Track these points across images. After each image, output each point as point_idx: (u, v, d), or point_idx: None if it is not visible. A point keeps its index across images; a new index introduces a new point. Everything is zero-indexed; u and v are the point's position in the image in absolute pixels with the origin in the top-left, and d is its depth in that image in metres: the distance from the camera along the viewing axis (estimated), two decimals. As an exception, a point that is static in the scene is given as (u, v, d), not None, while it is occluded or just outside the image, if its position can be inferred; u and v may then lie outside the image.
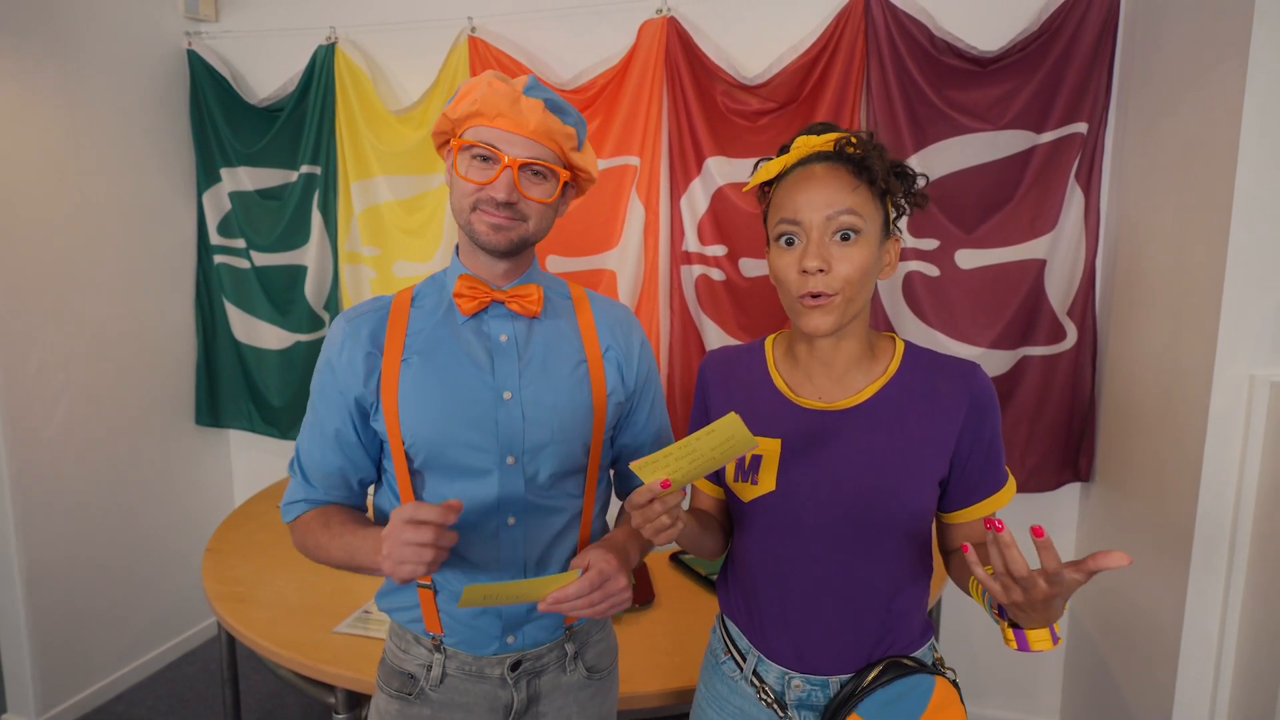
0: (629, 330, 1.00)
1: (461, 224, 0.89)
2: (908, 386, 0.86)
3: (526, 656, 0.94)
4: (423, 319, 0.91)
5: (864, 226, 0.79)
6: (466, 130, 0.86)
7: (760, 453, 0.88)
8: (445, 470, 0.89)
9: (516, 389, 0.89)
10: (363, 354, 0.88)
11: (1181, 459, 1.54)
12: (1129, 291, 1.82)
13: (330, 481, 0.93)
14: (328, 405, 0.90)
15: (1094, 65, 1.82)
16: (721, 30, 2.11)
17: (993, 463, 0.86)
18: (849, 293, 0.79)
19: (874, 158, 0.80)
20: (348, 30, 2.38)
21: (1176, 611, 1.52)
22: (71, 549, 2.25)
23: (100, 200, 2.32)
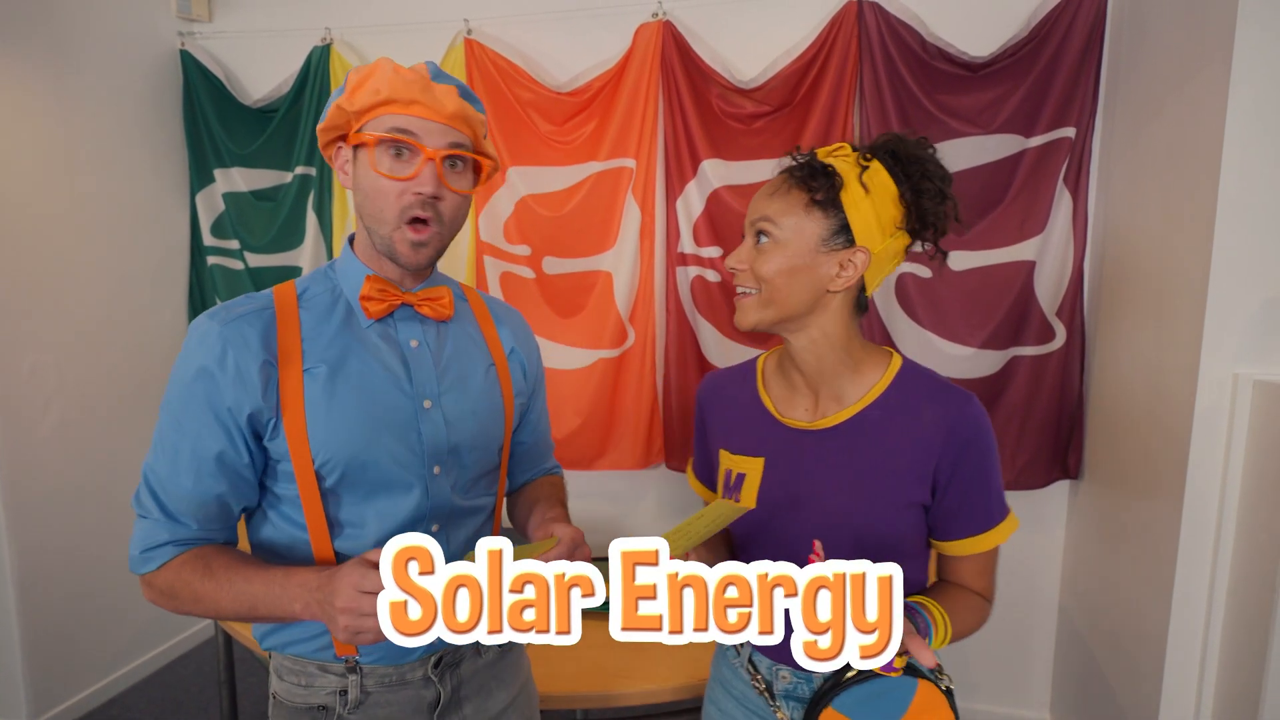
0: (528, 333, 1.02)
1: (379, 235, 0.81)
2: (893, 407, 0.85)
3: (447, 650, 0.91)
4: (316, 322, 0.83)
5: (777, 233, 0.81)
6: (371, 121, 0.79)
7: (745, 471, 0.90)
8: (364, 487, 0.82)
9: (436, 396, 0.86)
10: (256, 363, 0.77)
11: (1167, 456, 1.57)
12: (1116, 292, 1.86)
13: (206, 514, 0.80)
14: (203, 423, 0.77)
15: (1081, 70, 1.86)
16: (717, 34, 2.13)
17: (976, 499, 0.84)
18: (767, 293, 0.82)
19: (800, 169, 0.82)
20: (343, 32, 2.38)
21: (1163, 605, 1.55)
22: (64, 551, 2.23)
23: (93, 201, 2.31)
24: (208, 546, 0.80)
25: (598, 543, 2.54)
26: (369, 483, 0.82)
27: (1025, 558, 2.15)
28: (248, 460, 0.80)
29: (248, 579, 0.76)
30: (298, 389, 0.79)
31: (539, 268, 2.31)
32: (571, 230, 2.26)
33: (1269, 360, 1.42)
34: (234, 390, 0.77)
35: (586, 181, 2.22)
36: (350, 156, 0.83)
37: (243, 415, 0.78)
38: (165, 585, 0.79)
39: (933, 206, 0.82)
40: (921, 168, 0.81)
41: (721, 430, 0.97)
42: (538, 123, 2.23)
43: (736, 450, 0.93)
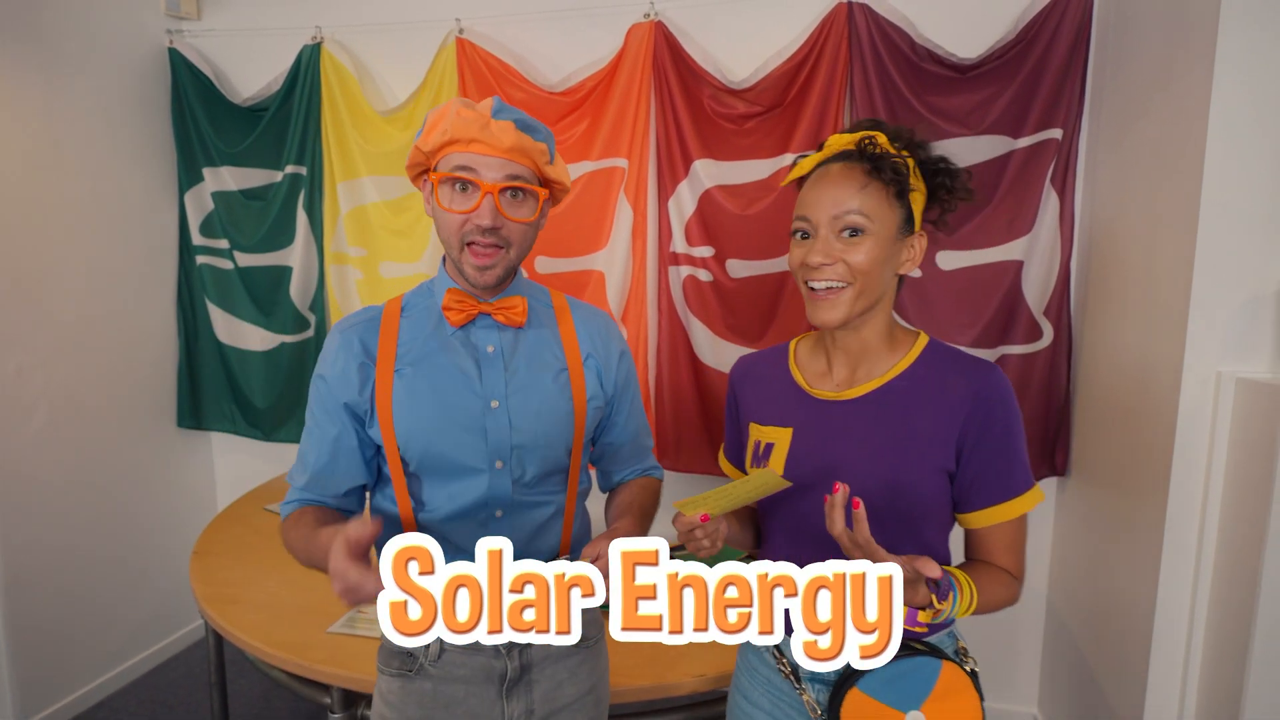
0: (608, 338, 1.05)
1: (453, 257, 0.93)
2: (919, 379, 0.88)
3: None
4: (412, 329, 0.96)
5: (869, 225, 0.83)
6: (441, 160, 0.90)
7: (774, 440, 0.93)
8: (438, 473, 0.93)
9: (503, 397, 0.94)
10: (356, 364, 0.92)
11: (1153, 453, 1.60)
12: (1102, 292, 1.88)
13: (324, 483, 0.95)
14: (325, 413, 0.94)
15: (1068, 73, 1.88)
16: (708, 34, 2.14)
17: (1004, 465, 0.85)
18: (860, 284, 0.84)
19: (885, 161, 0.83)
20: (333, 30, 2.37)
21: (1148, 600, 1.58)
22: (51, 553, 2.21)
23: (80, 200, 2.29)
24: (313, 507, 0.94)
25: (591, 541, 2.45)
26: (442, 470, 0.93)
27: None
28: (355, 444, 0.95)
29: (306, 535, 0.88)
30: (387, 387, 0.92)
31: (531, 267, 2.31)
32: (564, 230, 2.26)
33: (1252, 358, 1.45)
34: (340, 386, 0.93)
35: (579, 181, 2.23)
36: (429, 188, 0.93)
37: (342, 405, 0.93)
38: (283, 532, 0.95)
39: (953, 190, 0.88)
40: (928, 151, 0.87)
41: (753, 406, 0.99)
42: (530, 122, 2.23)
43: (766, 422, 0.96)
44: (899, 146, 0.85)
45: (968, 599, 0.82)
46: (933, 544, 0.90)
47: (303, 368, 2.54)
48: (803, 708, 0.94)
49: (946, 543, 0.93)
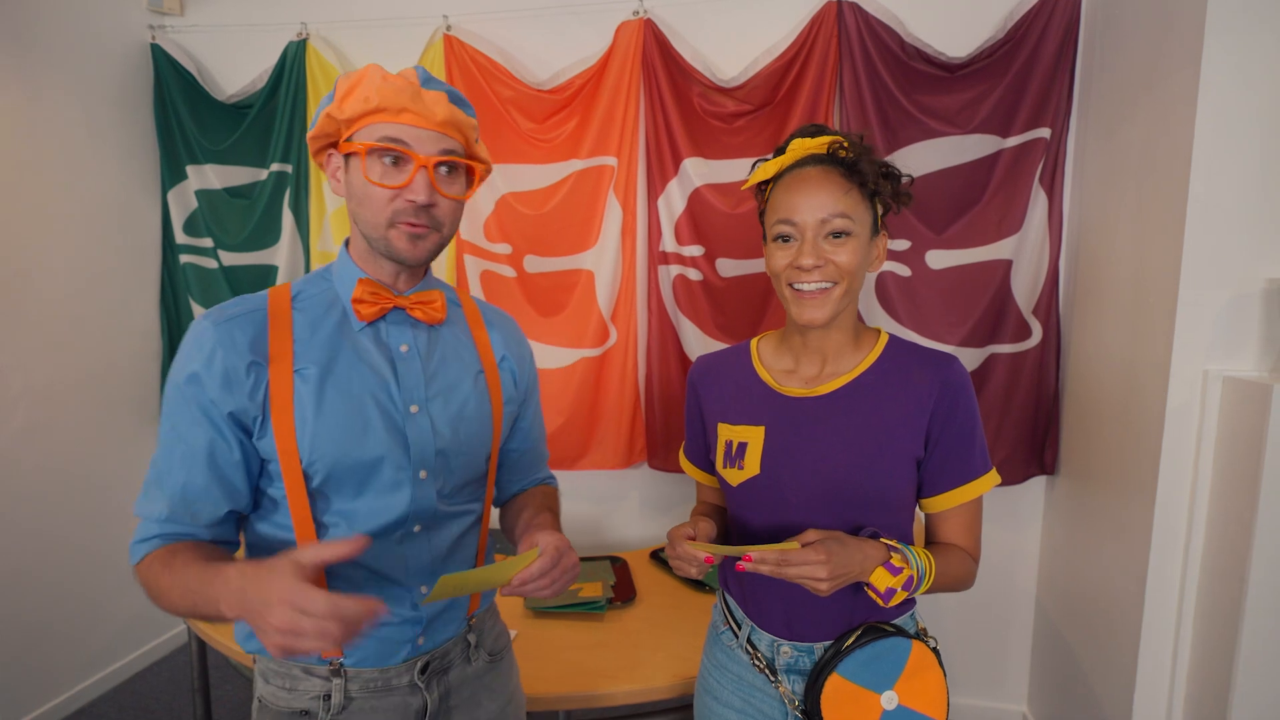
0: (520, 340, 1.01)
1: (374, 236, 0.82)
2: (885, 372, 0.91)
3: (434, 656, 0.91)
4: (309, 324, 0.83)
5: (854, 227, 0.86)
6: (362, 130, 0.80)
7: (746, 440, 0.94)
8: (349, 487, 0.82)
9: (423, 402, 0.86)
10: (244, 363, 0.78)
11: (1141, 451, 1.60)
12: (1090, 291, 1.89)
13: (195, 509, 0.80)
14: (196, 423, 0.78)
15: (1056, 72, 1.89)
16: (698, 33, 2.13)
17: (966, 449, 0.90)
18: (846, 283, 0.87)
19: (864, 161, 0.86)
20: (319, 27, 2.35)
21: (1137, 597, 1.58)
22: (31, 557, 2.17)
23: (60, 198, 2.25)
24: (184, 542, 0.79)
25: (581, 543, 2.57)
26: (354, 484, 0.82)
27: (1003, 553, 2.18)
28: (238, 458, 0.80)
29: (193, 574, 0.73)
30: (287, 389, 0.80)
31: (520, 266, 2.30)
32: (552, 229, 2.25)
33: (1238, 357, 1.45)
34: (221, 390, 0.78)
35: (568, 180, 2.21)
36: (341, 164, 0.84)
37: (225, 412, 0.79)
38: (141, 577, 0.79)
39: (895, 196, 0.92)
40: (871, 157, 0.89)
41: (718, 406, 1.00)
42: (518, 120, 2.22)
43: (736, 421, 0.96)
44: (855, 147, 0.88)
45: (929, 570, 0.86)
46: (900, 527, 0.93)
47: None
48: (777, 701, 0.95)
49: (910, 525, 0.96)
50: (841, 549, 0.79)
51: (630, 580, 1.75)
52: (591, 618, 1.57)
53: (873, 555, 0.82)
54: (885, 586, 0.82)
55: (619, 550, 2.01)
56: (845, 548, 0.80)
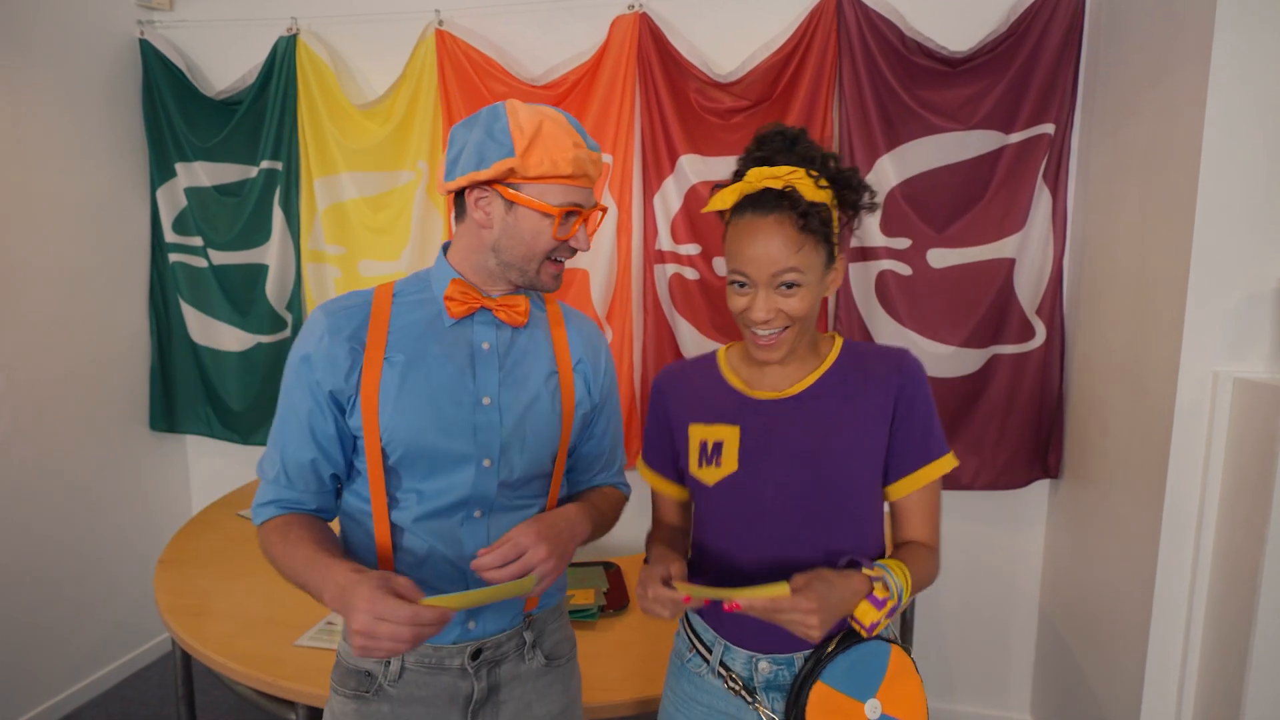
0: (598, 346, 1.05)
1: (523, 269, 0.91)
2: (846, 370, 0.96)
3: (486, 645, 0.95)
4: (405, 318, 0.93)
5: (805, 278, 0.87)
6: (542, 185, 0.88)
7: (722, 439, 0.95)
8: (421, 468, 0.90)
9: (495, 395, 0.93)
10: (345, 348, 0.89)
11: (1148, 455, 1.56)
12: (1095, 290, 1.85)
13: (303, 475, 0.91)
14: (304, 398, 0.89)
15: (1060, 67, 1.85)
16: (694, 27, 2.10)
17: (924, 434, 0.94)
18: (798, 326, 0.90)
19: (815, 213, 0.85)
20: (309, 21, 2.31)
21: (1144, 605, 1.54)
22: (16, 561, 2.14)
23: (46, 196, 2.21)
24: (299, 515, 0.91)
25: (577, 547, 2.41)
26: (425, 465, 0.90)
27: (1005, 557, 2.13)
28: (334, 432, 0.90)
29: (304, 557, 0.84)
30: (376, 375, 0.89)
31: (514, 265, 2.26)
32: (547, 227, 2.21)
33: (1249, 358, 1.41)
34: (325, 370, 0.88)
35: (562, 177, 2.17)
36: (499, 203, 0.89)
37: (327, 391, 0.89)
38: (262, 541, 0.90)
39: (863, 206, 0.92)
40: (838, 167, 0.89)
41: (688, 409, 1.00)
42: (511, 117, 2.18)
43: (711, 421, 0.97)
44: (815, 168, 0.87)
45: (904, 581, 0.87)
46: (872, 525, 0.96)
47: (279, 369, 2.46)
48: None
49: (881, 520, 0.98)
50: (829, 590, 0.80)
51: (624, 587, 1.71)
52: (583, 625, 1.53)
53: (858, 590, 0.83)
54: (870, 621, 0.83)
55: (612, 555, 1.97)
56: (832, 588, 0.80)
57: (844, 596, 0.81)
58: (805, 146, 0.89)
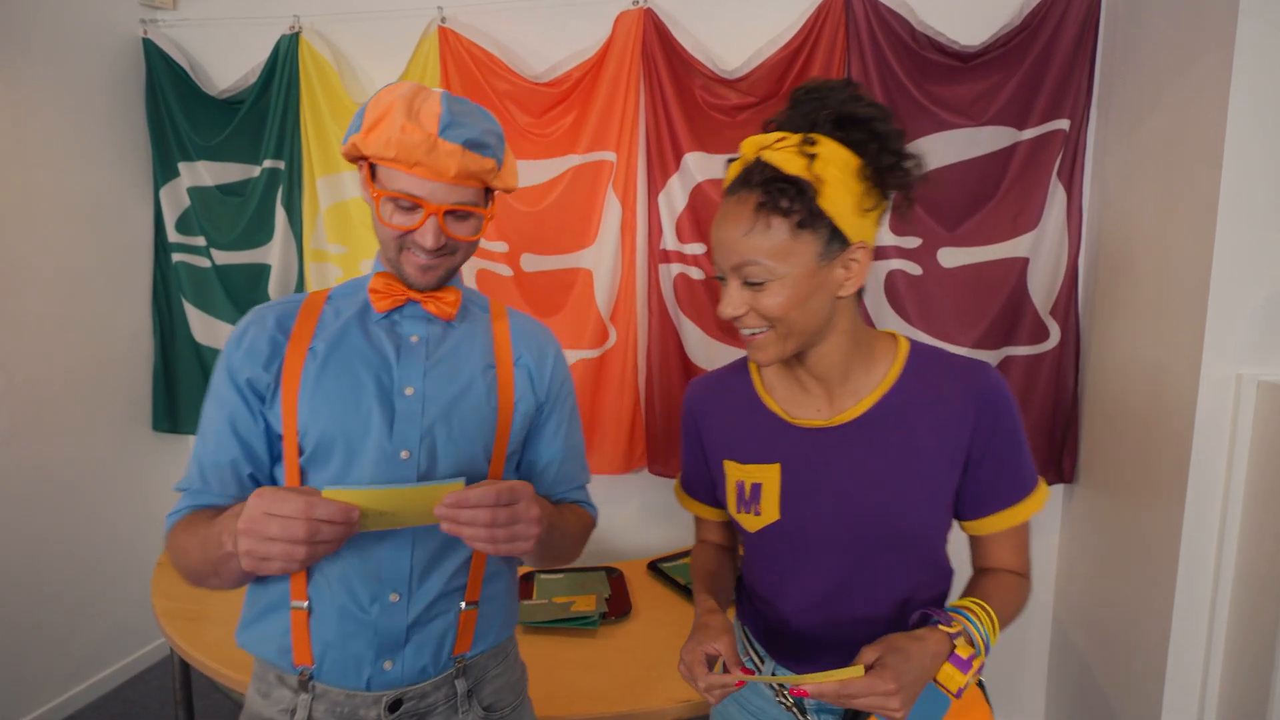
0: (544, 343, 0.99)
1: (388, 256, 0.87)
2: (912, 392, 0.80)
3: (408, 695, 0.84)
4: (335, 315, 0.89)
5: (772, 270, 0.72)
6: (380, 169, 0.83)
7: (760, 480, 0.84)
8: (335, 461, 0.84)
9: (419, 385, 0.87)
10: (267, 338, 0.86)
11: (1168, 460, 1.51)
12: (1112, 290, 1.80)
13: (220, 476, 0.84)
14: (226, 393, 0.85)
15: (1075, 61, 1.80)
16: (700, 22, 2.06)
17: (1011, 467, 0.80)
18: (782, 328, 0.75)
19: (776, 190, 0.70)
20: (312, 20, 2.29)
21: (1164, 614, 1.49)
22: (15, 562, 2.12)
23: (48, 195, 2.20)
24: (209, 509, 0.83)
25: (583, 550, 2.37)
26: (339, 457, 0.84)
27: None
28: (255, 425, 0.85)
29: (205, 525, 0.77)
30: (297, 366, 0.85)
31: (516, 265, 2.23)
32: (550, 226, 2.18)
33: (1273, 359, 1.36)
34: (244, 361, 0.85)
35: (565, 175, 2.14)
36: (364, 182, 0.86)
37: (244, 380, 0.84)
38: (169, 546, 0.83)
39: (897, 180, 0.74)
40: (871, 129, 0.72)
41: (722, 441, 0.89)
42: (515, 114, 2.15)
43: (746, 460, 0.86)
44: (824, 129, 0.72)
45: (989, 626, 0.75)
46: (935, 559, 0.84)
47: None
48: None
49: (944, 553, 0.87)
50: (906, 664, 0.68)
51: (626, 593, 1.67)
52: (583, 634, 1.49)
53: (938, 654, 0.71)
54: (957, 686, 0.71)
55: (617, 560, 1.93)
56: (910, 661, 0.69)
57: (923, 666, 0.70)
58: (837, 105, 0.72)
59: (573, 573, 1.76)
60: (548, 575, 1.75)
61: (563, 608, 1.55)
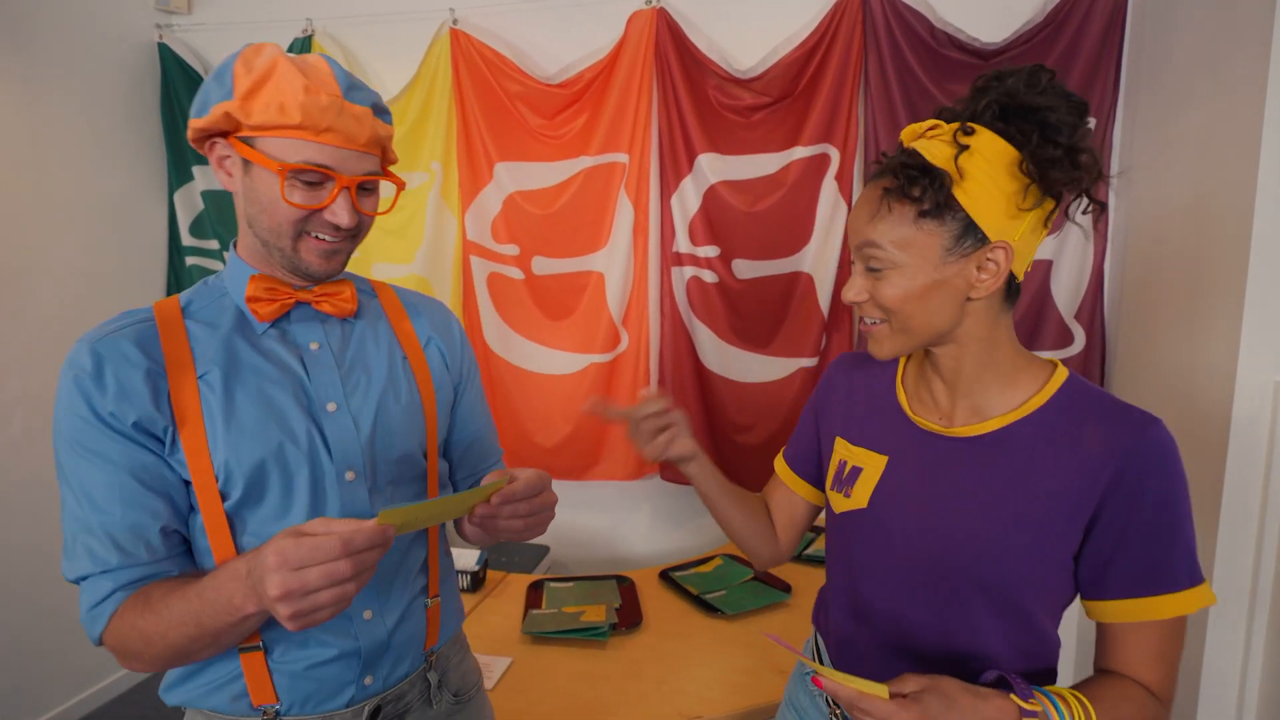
0: (447, 319, 0.94)
1: (278, 246, 0.75)
2: (1050, 426, 0.70)
3: (386, 699, 0.82)
4: (205, 330, 0.76)
5: (892, 258, 0.69)
6: (271, 139, 0.71)
7: (863, 465, 0.81)
8: (272, 502, 0.74)
9: (341, 399, 0.79)
10: (141, 372, 0.71)
11: (1201, 470, 1.45)
12: (1141, 293, 1.74)
13: (147, 538, 0.70)
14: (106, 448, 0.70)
15: (1102, 57, 1.75)
16: (713, 21, 2.03)
17: (1154, 547, 0.66)
18: (899, 321, 0.72)
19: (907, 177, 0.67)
20: (325, 23, 2.29)
21: (1196, 637, 1.43)
22: (27, 564, 2.12)
23: (64, 199, 2.21)
24: (150, 584, 0.70)
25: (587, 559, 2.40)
26: (277, 497, 0.74)
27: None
28: (163, 469, 0.72)
29: (183, 596, 0.66)
30: (193, 397, 0.72)
31: (528, 268, 2.20)
32: (562, 229, 2.15)
33: (1315, 365, 1.30)
34: (117, 402, 0.70)
35: (577, 177, 2.12)
36: (239, 161, 0.74)
37: (129, 423, 0.70)
38: (116, 640, 0.69)
39: (1062, 175, 0.65)
40: (1039, 120, 0.65)
41: (842, 416, 0.86)
42: (526, 116, 2.13)
43: (857, 441, 0.83)
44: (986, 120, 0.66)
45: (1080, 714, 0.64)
46: (1037, 630, 0.72)
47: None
48: None
49: (1056, 634, 0.74)
50: (947, 712, 0.60)
51: (637, 603, 1.63)
52: (592, 645, 1.46)
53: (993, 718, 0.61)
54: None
55: (628, 568, 1.90)
56: (952, 710, 0.60)
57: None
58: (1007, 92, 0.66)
59: (583, 581, 1.73)
60: (557, 584, 1.72)
61: (572, 618, 1.52)
